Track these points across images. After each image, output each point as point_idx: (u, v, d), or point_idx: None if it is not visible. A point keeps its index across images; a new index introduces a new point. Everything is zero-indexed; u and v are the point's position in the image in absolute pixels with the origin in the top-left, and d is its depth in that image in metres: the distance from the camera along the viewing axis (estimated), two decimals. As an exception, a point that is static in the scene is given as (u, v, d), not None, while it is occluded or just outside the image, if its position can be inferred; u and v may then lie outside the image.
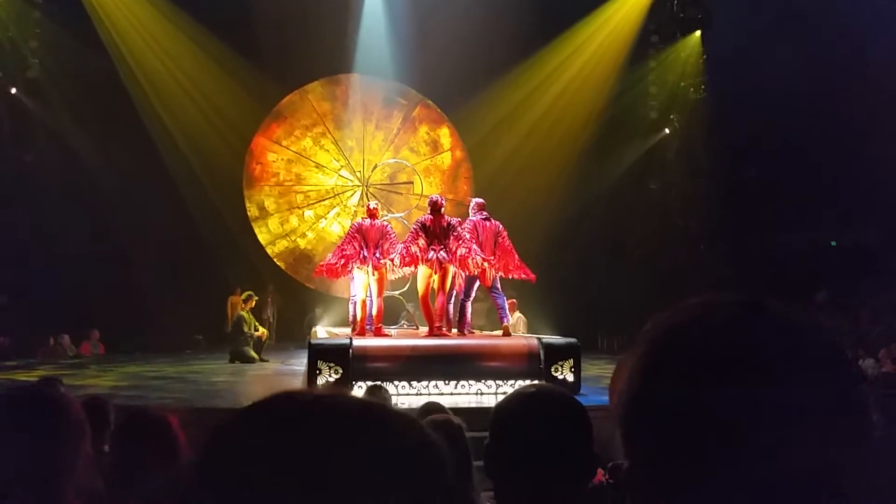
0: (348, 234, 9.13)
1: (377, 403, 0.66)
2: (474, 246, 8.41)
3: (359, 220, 9.54)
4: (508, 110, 15.88)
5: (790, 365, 0.68)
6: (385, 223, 9.15)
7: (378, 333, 8.84)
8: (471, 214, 8.98)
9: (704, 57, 15.62)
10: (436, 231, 8.47)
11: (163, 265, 14.22)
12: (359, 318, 9.01)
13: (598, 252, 15.52)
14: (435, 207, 8.62)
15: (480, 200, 9.17)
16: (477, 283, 8.80)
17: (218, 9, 14.19)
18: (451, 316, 9.04)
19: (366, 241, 8.78)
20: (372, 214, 9.01)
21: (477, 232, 8.65)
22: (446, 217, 8.66)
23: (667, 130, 16.41)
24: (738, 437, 0.66)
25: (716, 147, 14.70)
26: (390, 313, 11.82)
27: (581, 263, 15.25)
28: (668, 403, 0.69)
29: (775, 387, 0.66)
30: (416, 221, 8.73)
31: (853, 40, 12.24)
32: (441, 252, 8.36)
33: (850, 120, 12.97)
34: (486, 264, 8.36)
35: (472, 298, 9.08)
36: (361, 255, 8.72)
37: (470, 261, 8.29)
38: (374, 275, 8.75)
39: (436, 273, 8.45)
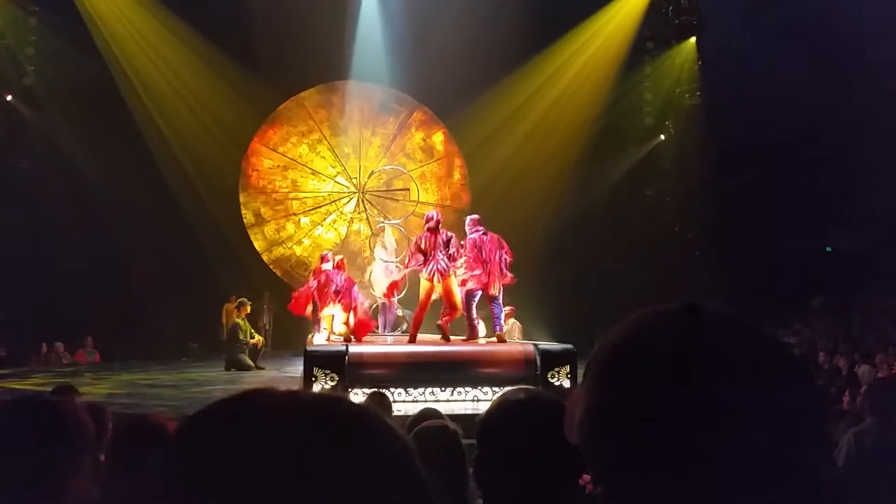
0: (316, 275, 9.73)
1: (346, 403, 0.66)
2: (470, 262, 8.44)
3: (327, 266, 9.78)
4: (504, 116, 15.91)
5: (733, 367, 0.68)
6: (352, 279, 9.61)
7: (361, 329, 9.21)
8: (468, 232, 8.86)
9: (699, 63, 15.69)
10: (434, 246, 8.48)
11: (158, 272, 14.17)
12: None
13: (594, 257, 15.54)
14: (431, 223, 8.61)
15: (476, 216, 9.08)
16: (477, 297, 8.71)
17: (214, 16, 14.21)
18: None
19: (335, 288, 9.30)
20: (339, 266, 9.60)
21: (479, 248, 8.57)
22: (443, 232, 8.66)
23: (662, 136, 16.46)
24: (694, 443, 0.66)
25: (711, 153, 14.74)
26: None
27: (577, 269, 15.27)
28: (623, 422, 0.69)
29: (726, 390, 0.66)
30: (413, 242, 8.75)
31: (850, 45, 12.29)
32: (441, 262, 8.37)
33: (845, 126, 13.02)
34: (486, 277, 8.36)
35: (473, 313, 8.98)
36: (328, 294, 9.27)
37: (470, 274, 8.32)
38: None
39: (437, 283, 8.45)
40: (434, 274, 8.36)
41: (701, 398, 0.66)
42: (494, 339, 8.84)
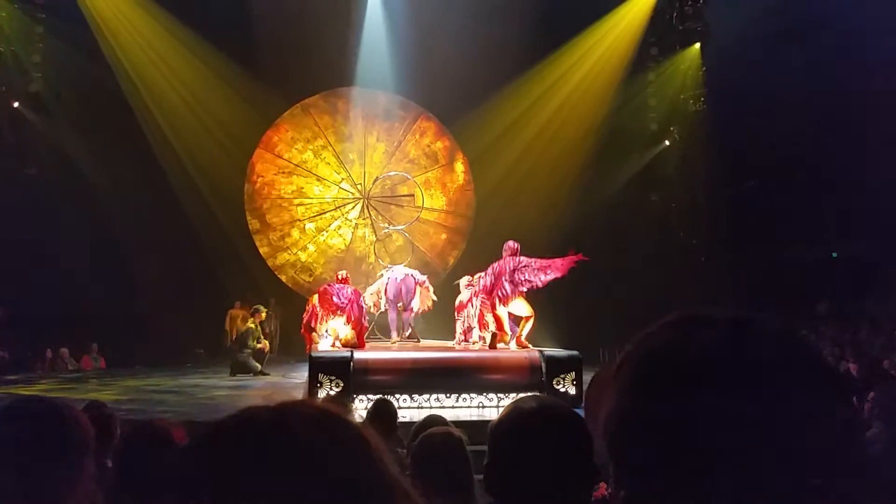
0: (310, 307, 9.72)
1: (343, 426, 0.66)
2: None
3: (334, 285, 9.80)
4: (509, 122, 15.91)
5: (781, 379, 0.69)
6: (358, 291, 9.70)
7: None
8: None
9: (704, 69, 15.67)
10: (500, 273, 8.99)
11: (164, 278, 14.20)
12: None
13: (599, 263, 15.48)
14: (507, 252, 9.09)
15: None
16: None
17: (220, 23, 14.26)
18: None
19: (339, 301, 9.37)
20: (344, 280, 9.70)
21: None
22: (510, 259, 9.02)
23: (667, 142, 16.44)
24: (734, 452, 0.66)
25: (716, 159, 14.72)
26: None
27: (582, 274, 15.21)
28: (664, 423, 0.69)
29: (768, 402, 0.67)
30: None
31: (854, 52, 12.28)
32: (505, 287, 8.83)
33: (850, 131, 12.99)
34: None
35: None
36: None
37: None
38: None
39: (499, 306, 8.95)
40: (496, 298, 8.78)
41: (745, 409, 0.66)
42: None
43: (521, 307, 8.86)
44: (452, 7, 14.30)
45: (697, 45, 15.73)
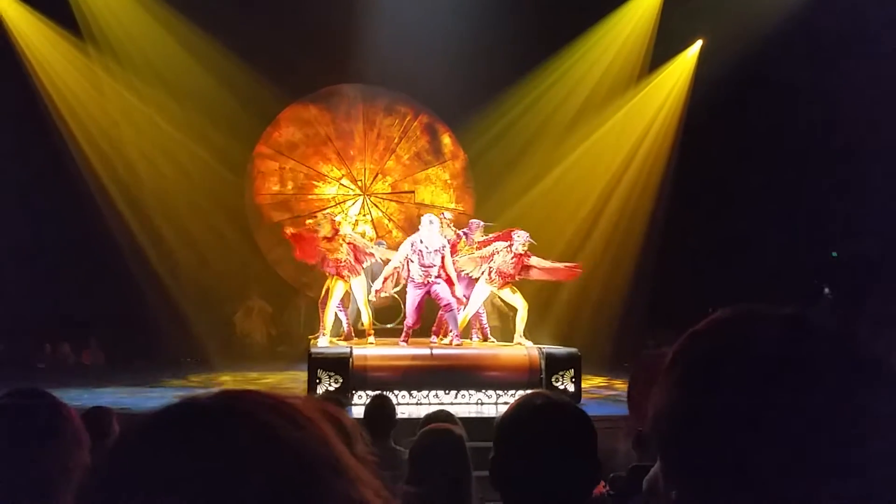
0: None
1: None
2: None
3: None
4: (512, 123, 15.86)
5: (840, 379, 0.68)
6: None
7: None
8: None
9: (704, 70, 15.62)
10: None
11: (161, 273, 14.23)
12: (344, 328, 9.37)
13: (596, 263, 15.53)
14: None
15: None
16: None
17: (218, 18, 14.19)
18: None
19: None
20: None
21: None
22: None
23: (664, 144, 16.39)
24: (794, 452, 0.65)
25: (715, 160, 14.70)
26: (388, 314, 11.78)
27: (583, 275, 15.24)
28: (724, 421, 0.68)
29: (833, 401, 0.66)
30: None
31: (855, 52, 12.28)
32: None
33: (850, 129, 12.99)
34: None
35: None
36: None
37: None
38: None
39: None
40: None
41: (809, 408, 0.66)
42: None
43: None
44: (458, 6, 14.26)
45: (696, 47, 15.68)
